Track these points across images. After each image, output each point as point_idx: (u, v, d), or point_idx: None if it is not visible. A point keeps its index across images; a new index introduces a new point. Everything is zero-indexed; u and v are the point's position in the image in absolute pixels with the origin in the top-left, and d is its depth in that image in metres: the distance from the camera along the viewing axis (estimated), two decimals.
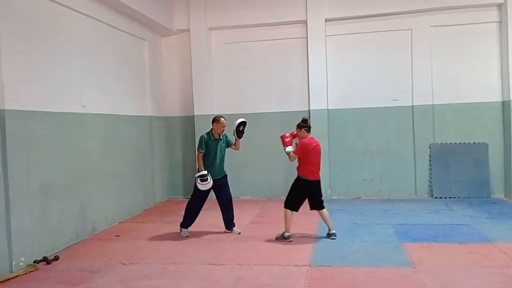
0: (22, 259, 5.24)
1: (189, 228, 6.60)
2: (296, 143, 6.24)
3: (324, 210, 6.18)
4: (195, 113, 9.43)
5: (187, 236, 6.49)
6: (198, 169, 6.35)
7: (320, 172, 6.22)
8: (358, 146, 9.20)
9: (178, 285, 4.60)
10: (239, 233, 6.56)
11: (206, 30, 9.44)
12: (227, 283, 4.61)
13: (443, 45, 8.83)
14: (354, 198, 9.08)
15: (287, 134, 6.19)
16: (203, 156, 6.38)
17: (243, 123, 6.49)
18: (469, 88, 8.75)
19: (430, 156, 8.91)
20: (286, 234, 6.12)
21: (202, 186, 6.25)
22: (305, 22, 9.13)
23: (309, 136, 6.15)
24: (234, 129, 6.47)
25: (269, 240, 6.15)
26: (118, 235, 6.73)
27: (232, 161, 8.93)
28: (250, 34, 9.46)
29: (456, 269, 4.76)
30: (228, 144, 6.61)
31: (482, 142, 8.74)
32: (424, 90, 8.86)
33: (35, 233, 5.53)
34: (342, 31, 9.14)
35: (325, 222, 6.23)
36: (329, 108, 9.18)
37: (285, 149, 6.11)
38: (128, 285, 4.64)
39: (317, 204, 6.16)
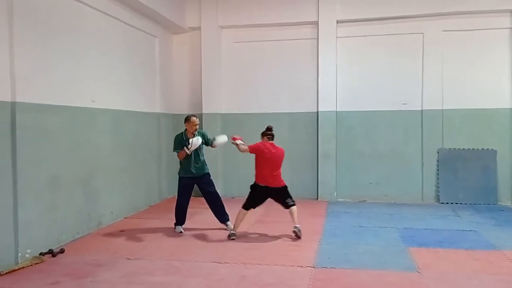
0: (28, 251, 5.28)
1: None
2: None
3: (294, 207, 6.26)
4: (203, 111, 9.44)
5: (181, 232, 6.59)
6: (183, 155, 6.42)
7: (278, 181, 6.24)
8: (366, 149, 9.16)
9: (182, 282, 4.60)
10: (232, 229, 6.48)
11: (217, 29, 9.45)
12: (231, 281, 4.61)
13: (455, 50, 8.77)
14: (360, 201, 9.05)
15: (238, 136, 6.38)
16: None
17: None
18: (479, 94, 8.70)
19: (438, 161, 8.86)
20: (231, 232, 6.28)
21: (196, 141, 6.30)
22: (316, 23, 9.12)
23: (270, 143, 6.27)
24: (215, 139, 6.62)
25: (273, 240, 6.15)
26: (123, 230, 6.76)
27: (238, 160, 8.97)
28: (260, 33, 9.47)
29: (462, 275, 4.73)
30: (207, 142, 6.68)
31: (491, 149, 8.67)
32: (434, 95, 8.81)
33: (42, 225, 5.57)
34: (353, 33, 9.11)
35: (292, 217, 6.26)
36: (337, 110, 9.15)
37: (235, 141, 6.25)
38: (132, 280, 4.65)
39: (283, 205, 6.29)
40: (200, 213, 7.54)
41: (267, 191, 6.21)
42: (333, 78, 9.10)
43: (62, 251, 5.61)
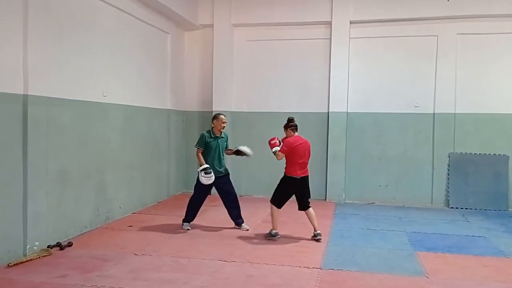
0: (37, 243, 5.31)
1: (195, 222, 6.66)
2: None
3: (310, 210, 6.21)
4: (213, 109, 9.43)
5: (188, 229, 6.58)
6: (199, 164, 6.37)
7: (307, 168, 6.25)
8: (375, 151, 9.10)
9: (189, 279, 4.60)
10: (247, 229, 6.58)
11: (230, 27, 9.43)
12: (237, 280, 4.60)
13: (469, 53, 8.68)
14: (368, 203, 9.00)
15: (275, 137, 6.28)
16: (204, 153, 6.43)
17: (244, 154, 6.58)
18: (493, 99, 8.60)
19: (449, 165, 8.78)
20: (273, 232, 6.19)
21: (206, 180, 6.28)
22: (329, 23, 9.07)
23: (295, 134, 6.19)
24: (237, 148, 6.58)
25: (280, 240, 6.13)
26: (131, 226, 6.78)
27: (247, 160, 8.95)
28: (273, 32, 9.44)
29: (470, 282, 4.67)
30: (226, 146, 6.68)
31: (503, 154, 8.57)
32: (447, 98, 8.72)
33: (51, 218, 5.60)
34: (367, 34, 9.05)
35: (311, 222, 6.22)
36: (348, 111, 9.10)
37: (272, 150, 6.16)
38: (139, 276, 4.66)
39: (303, 204, 6.22)
40: (208, 211, 7.55)
41: (300, 183, 6.10)
42: (345, 79, 9.05)
43: (70, 244, 5.65)
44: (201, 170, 6.27)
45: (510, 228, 7.09)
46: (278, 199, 6.16)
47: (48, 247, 5.43)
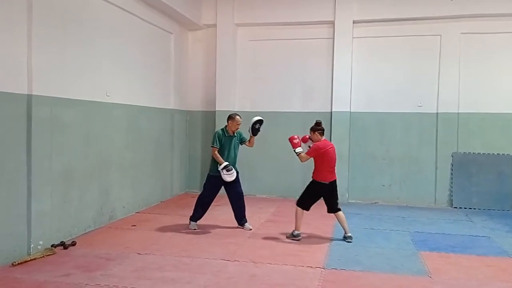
0: (40, 242, 5.34)
1: (199, 222, 6.67)
2: (309, 146, 6.23)
3: (340, 213, 6.16)
4: (216, 109, 9.45)
5: (195, 229, 6.57)
6: (218, 164, 6.34)
7: (335, 172, 6.21)
8: (379, 151, 9.09)
9: (192, 278, 4.61)
10: (251, 229, 6.60)
11: (233, 26, 9.44)
12: (240, 280, 4.61)
13: (472, 53, 8.65)
14: (372, 203, 8.99)
15: (296, 136, 6.19)
16: (218, 152, 6.42)
17: (259, 121, 6.53)
18: (496, 98, 8.57)
19: (452, 165, 8.76)
20: (296, 232, 6.16)
21: (229, 177, 6.27)
22: (332, 22, 9.06)
23: (323, 139, 6.14)
24: (250, 126, 6.51)
25: (284, 239, 6.14)
26: (135, 225, 6.80)
27: (250, 159, 8.98)
28: (276, 32, 9.44)
29: (474, 282, 4.66)
30: (241, 141, 6.66)
31: (507, 154, 8.55)
32: (450, 98, 8.70)
33: (55, 217, 5.62)
34: (370, 33, 9.03)
35: (341, 225, 6.20)
36: (351, 111, 9.09)
37: (295, 150, 6.10)
38: (143, 275, 4.68)
39: (332, 207, 6.16)
40: (211, 210, 7.50)
41: (328, 188, 6.09)
42: (348, 79, 9.04)
43: (73, 243, 5.67)
44: (223, 168, 6.26)
45: None
46: (306, 202, 6.13)
47: (52, 246, 5.45)
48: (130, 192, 7.51)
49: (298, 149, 6.06)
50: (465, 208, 8.54)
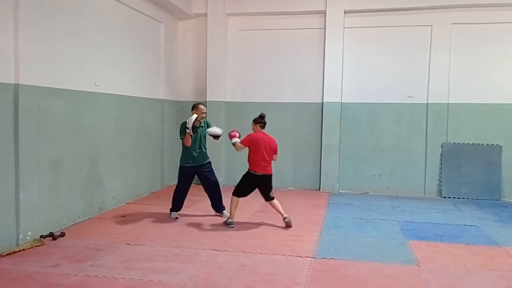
0: (29, 233, 5.30)
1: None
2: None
3: (274, 201, 6.36)
4: (207, 99, 9.40)
5: (177, 218, 6.67)
6: (190, 140, 6.42)
7: (271, 167, 6.34)
8: (369, 141, 9.12)
9: (182, 268, 4.61)
10: (228, 217, 6.54)
11: (224, 16, 9.37)
12: (230, 269, 4.62)
13: (463, 43, 8.67)
14: (362, 193, 9.03)
15: (235, 130, 6.43)
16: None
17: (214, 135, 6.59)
18: (486, 89, 8.60)
19: (442, 155, 8.81)
20: (229, 221, 6.32)
21: (189, 120, 6.31)
22: (324, 12, 9.02)
23: (261, 131, 6.28)
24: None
25: (274, 229, 6.15)
26: (125, 216, 6.78)
27: (242, 150, 8.94)
28: (267, 22, 9.38)
29: (462, 270, 4.71)
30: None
31: (496, 144, 8.61)
32: (441, 88, 8.72)
33: (43, 208, 5.58)
34: (361, 23, 9.01)
35: (277, 210, 6.37)
36: (342, 101, 9.09)
37: (231, 140, 6.27)
38: (132, 265, 4.66)
39: (265, 197, 6.37)
40: (202, 201, 7.55)
41: (258, 179, 6.24)
42: (339, 69, 9.03)
43: (62, 234, 5.64)
44: (186, 127, 6.33)
45: (502, 218, 7.15)
46: (240, 192, 6.35)
47: (41, 237, 5.42)
48: (120, 183, 7.47)
49: (234, 140, 6.24)
50: (454, 198, 8.62)
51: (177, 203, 6.76)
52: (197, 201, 7.50)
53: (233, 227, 6.25)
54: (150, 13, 8.37)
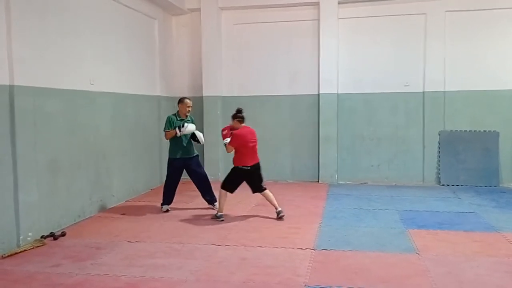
0: (30, 234, 5.31)
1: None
2: None
3: (266, 192, 6.34)
4: (203, 94, 9.40)
5: (168, 210, 6.81)
6: (171, 137, 6.57)
7: (257, 155, 6.36)
8: (367, 132, 9.12)
9: (183, 264, 4.63)
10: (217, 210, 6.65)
11: (217, 10, 9.33)
12: (231, 263, 4.64)
13: (458, 30, 8.66)
14: (361, 184, 9.06)
15: (225, 127, 6.40)
16: (173, 137, 6.60)
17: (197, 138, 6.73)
18: (483, 76, 8.60)
19: (439, 143, 8.83)
20: (219, 214, 6.35)
21: (190, 128, 6.50)
22: (317, 4, 8.99)
23: (242, 125, 6.28)
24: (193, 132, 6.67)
25: (274, 222, 6.17)
26: (125, 213, 6.79)
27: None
28: (261, 15, 9.34)
29: (461, 257, 4.74)
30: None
31: (493, 131, 8.63)
32: (436, 76, 8.72)
33: (43, 208, 5.58)
34: (355, 14, 8.98)
35: (270, 203, 6.37)
36: (339, 92, 9.09)
37: (223, 141, 6.30)
38: (133, 263, 4.68)
39: (256, 188, 6.35)
40: (200, 196, 7.53)
41: (248, 172, 6.25)
42: (334, 60, 9.01)
43: (63, 234, 5.65)
44: (181, 126, 6.48)
45: (500, 204, 7.18)
46: (230, 187, 6.33)
47: (41, 237, 5.43)
48: (118, 180, 7.47)
49: (226, 140, 6.25)
50: (453, 185, 8.65)
51: (168, 197, 6.87)
52: (195, 196, 7.50)
53: (222, 220, 6.28)
54: (144, 10, 8.33)
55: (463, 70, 8.67)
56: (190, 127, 6.52)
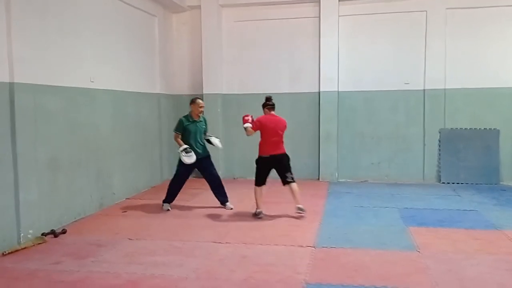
0: (30, 231, 5.31)
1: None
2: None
3: (292, 185, 6.26)
4: (204, 92, 9.38)
5: (168, 209, 6.76)
6: (179, 146, 6.55)
7: (281, 147, 6.30)
8: (367, 129, 9.12)
9: (183, 262, 4.63)
10: (231, 208, 6.73)
11: (217, 7, 9.31)
12: (231, 261, 4.64)
13: (458, 28, 8.64)
14: (361, 182, 9.05)
15: (248, 115, 6.35)
16: (184, 137, 6.58)
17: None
18: (483, 73, 8.59)
19: (440, 141, 8.83)
20: (258, 211, 6.31)
21: (188, 159, 6.46)
22: (318, 1, 8.97)
23: (270, 113, 6.28)
24: (209, 138, 6.80)
25: (274, 220, 6.17)
26: (125, 211, 6.80)
27: (241, 141, 8.95)
28: (261, 12, 9.33)
29: (461, 255, 4.74)
30: (204, 130, 6.80)
31: (494, 128, 8.62)
32: (437, 74, 8.71)
33: (43, 206, 5.59)
34: (356, 11, 8.97)
35: (293, 197, 6.31)
36: (339, 90, 9.08)
37: (244, 125, 6.25)
38: (134, 260, 4.68)
39: (283, 178, 6.29)
40: (202, 194, 7.57)
41: (270, 161, 6.22)
42: (335, 58, 9.01)
43: (64, 231, 5.66)
44: (182, 151, 6.47)
45: (501, 201, 7.18)
46: (258, 179, 6.32)
47: (42, 234, 5.43)
48: (119, 178, 7.47)
49: (246, 124, 6.21)
50: (453, 183, 8.65)
51: (172, 195, 6.86)
52: (197, 194, 7.51)
53: (261, 217, 6.25)
54: (144, 7, 8.32)
55: (463, 68, 8.66)
56: (191, 159, 6.43)
